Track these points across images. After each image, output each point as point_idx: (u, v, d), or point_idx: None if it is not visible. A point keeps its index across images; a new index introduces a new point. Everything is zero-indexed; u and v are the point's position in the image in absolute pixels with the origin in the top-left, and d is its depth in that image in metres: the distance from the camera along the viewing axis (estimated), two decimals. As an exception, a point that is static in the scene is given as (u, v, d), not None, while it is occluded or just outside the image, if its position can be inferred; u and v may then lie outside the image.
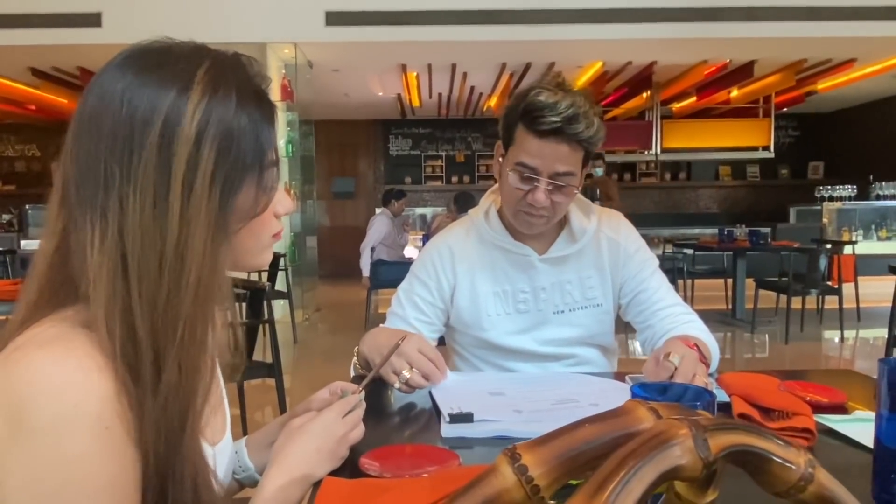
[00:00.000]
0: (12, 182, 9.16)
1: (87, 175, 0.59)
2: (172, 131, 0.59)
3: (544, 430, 0.88)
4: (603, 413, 0.38)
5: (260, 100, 0.64)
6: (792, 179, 9.62)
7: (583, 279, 1.37)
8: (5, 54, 5.55)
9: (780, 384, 1.11)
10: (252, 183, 0.64)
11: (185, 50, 0.63)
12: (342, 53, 5.92)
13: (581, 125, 1.19)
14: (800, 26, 5.33)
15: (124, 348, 0.56)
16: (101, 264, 0.57)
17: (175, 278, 0.58)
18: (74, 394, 0.52)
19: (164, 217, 0.58)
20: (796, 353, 4.91)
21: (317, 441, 0.75)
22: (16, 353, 0.54)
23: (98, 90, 0.61)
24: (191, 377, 0.60)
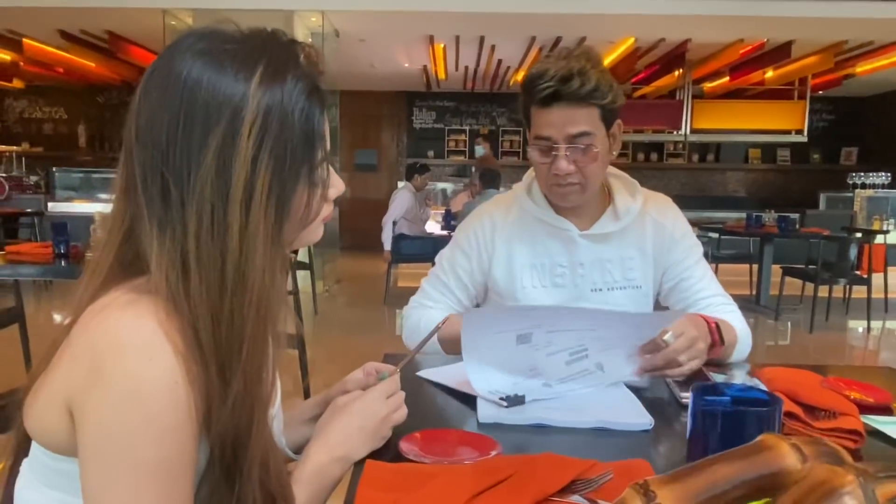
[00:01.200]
0: (40, 144, 9.25)
1: (145, 183, 0.60)
2: (229, 146, 0.58)
3: (580, 417, 0.88)
4: (741, 449, 0.35)
5: (313, 94, 0.63)
6: (824, 165, 9.38)
7: (624, 259, 1.35)
8: (35, 16, 5.56)
9: (822, 381, 1.08)
10: (305, 184, 0.63)
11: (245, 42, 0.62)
12: (370, 23, 5.84)
13: (576, 82, 1.17)
14: (843, 6, 5.14)
15: (194, 348, 0.58)
16: (161, 273, 0.59)
17: (238, 299, 0.59)
18: (151, 348, 0.56)
19: (224, 236, 0.59)
20: (820, 342, 4.83)
21: (359, 420, 0.75)
22: (104, 311, 0.58)
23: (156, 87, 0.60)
24: (257, 385, 0.61)
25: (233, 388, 0.59)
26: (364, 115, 9.77)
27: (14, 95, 9.28)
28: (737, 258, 6.29)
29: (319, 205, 0.67)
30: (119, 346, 0.56)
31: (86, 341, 0.57)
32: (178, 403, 0.56)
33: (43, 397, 0.59)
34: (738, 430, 0.52)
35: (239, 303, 0.59)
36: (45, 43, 6.48)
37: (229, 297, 0.59)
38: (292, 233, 0.65)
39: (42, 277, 5.39)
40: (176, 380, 0.56)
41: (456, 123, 9.90)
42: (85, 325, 0.59)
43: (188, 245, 0.58)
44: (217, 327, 0.59)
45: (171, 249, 0.59)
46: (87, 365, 0.56)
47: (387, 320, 5.38)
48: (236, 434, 0.60)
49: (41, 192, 6.95)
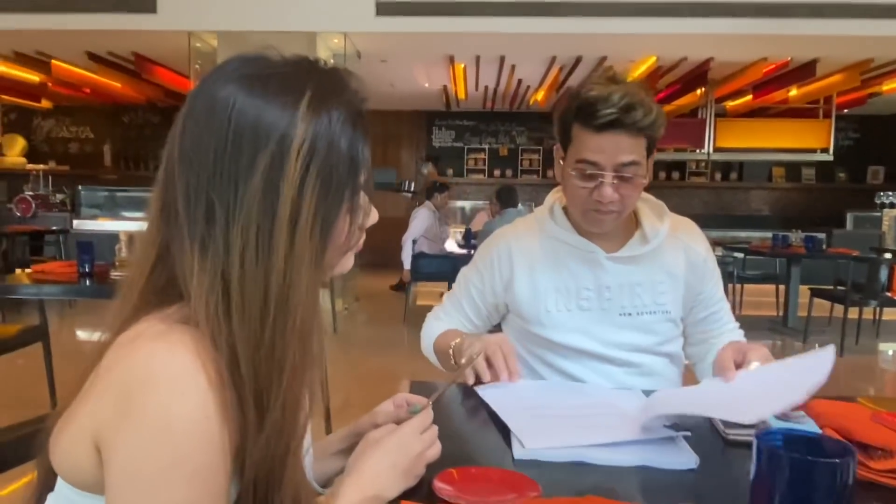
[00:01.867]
0: (66, 163, 9.43)
1: (188, 203, 0.59)
2: (277, 168, 0.58)
3: (621, 455, 0.84)
4: None
5: (357, 121, 0.63)
6: (850, 184, 9.24)
7: (655, 283, 1.31)
8: (64, 38, 5.68)
9: (873, 415, 1.03)
10: (347, 210, 0.63)
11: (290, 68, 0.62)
12: (391, 44, 5.89)
13: (639, 113, 1.16)
14: (869, 24, 5.07)
15: (231, 376, 0.56)
16: (201, 296, 0.57)
17: (280, 323, 0.58)
18: (183, 382, 0.54)
19: (268, 259, 0.58)
20: (851, 365, 4.70)
21: (392, 457, 0.72)
22: (135, 342, 0.57)
23: (202, 110, 0.60)
24: (293, 415, 0.59)
25: (269, 419, 0.57)
26: (384, 135, 9.83)
27: (42, 115, 9.49)
28: (763, 279, 6.17)
29: (358, 234, 0.66)
30: (150, 380, 0.54)
31: (116, 374, 0.56)
32: (210, 440, 0.54)
33: (70, 431, 0.58)
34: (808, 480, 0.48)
35: (281, 327, 0.58)
36: (72, 64, 6.62)
37: (271, 322, 0.58)
38: (333, 259, 0.64)
39: (67, 297, 5.45)
40: (208, 415, 0.54)
41: (475, 142, 9.93)
42: (115, 356, 0.57)
43: (231, 266, 0.57)
44: (257, 353, 0.57)
45: (213, 270, 0.58)
46: (116, 399, 0.54)
47: (406, 339, 5.34)
48: (270, 467, 0.58)
49: (67, 210, 7.05)
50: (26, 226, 6.11)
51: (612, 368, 1.31)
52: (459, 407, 1.10)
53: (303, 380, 0.61)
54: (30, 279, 2.85)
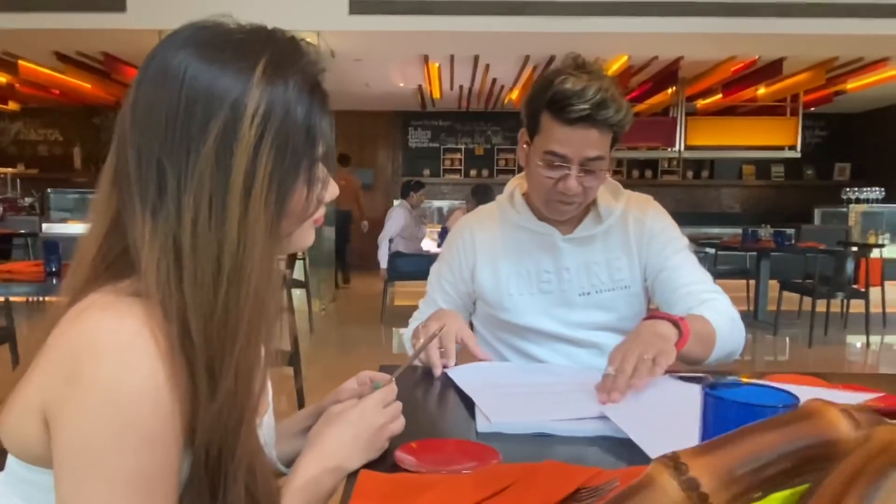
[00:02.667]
0: (35, 165, 9.24)
1: (139, 169, 0.58)
2: (231, 134, 0.57)
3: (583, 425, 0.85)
4: (784, 416, 0.32)
5: (315, 91, 0.62)
6: (817, 180, 9.43)
7: (610, 261, 1.33)
8: (31, 38, 5.58)
9: (830, 387, 1.06)
10: (304, 179, 0.62)
11: (247, 36, 0.61)
12: (365, 43, 5.88)
13: (611, 110, 1.17)
14: (834, 23, 5.19)
15: (182, 345, 0.56)
16: (152, 263, 0.56)
17: (233, 291, 0.57)
18: (131, 352, 0.53)
19: (222, 226, 0.57)
20: (820, 356, 4.81)
21: (354, 429, 0.72)
22: (83, 314, 0.56)
23: (155, 75, 0.59)
24: (247, 383, 0.59)
25: (222, 387, 0.57)
26: (360, 135, 9.80)
27: (9, 118, 9.28)
28: (734, 273, 6.29)
29: (316, 204, 0.65)
30: (97, 351, 0.53)
31: (63, 346, 0.55)
32: (158, 410, 0.54)
33: (18, 406, 0.57)
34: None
35: (234, 295, 0.57)
36: (40, 65, 6.49)
37: (224, 289, 0.57)
38: (290, 229, 0.64)
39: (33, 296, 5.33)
40: (157, 384, 0.54)
41: (451, 142, 9.94)
42: (63, 329, 0.56)
43: (183, 233, 0.56)
44: (209, 321, 0.57)
45: (165, 237, 0.57)
46: (63, 370, 0.54)
47: (384, 338, 5.34)
48: (223, 436, 0.57)
49: (36, 213, 6.91)
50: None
51: (576, 350, 1.33)
52: (425, 384, 1.10)
53: (257, 350, 0.60)
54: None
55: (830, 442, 0.29)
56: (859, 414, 0.31)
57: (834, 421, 0.31)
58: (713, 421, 0.51)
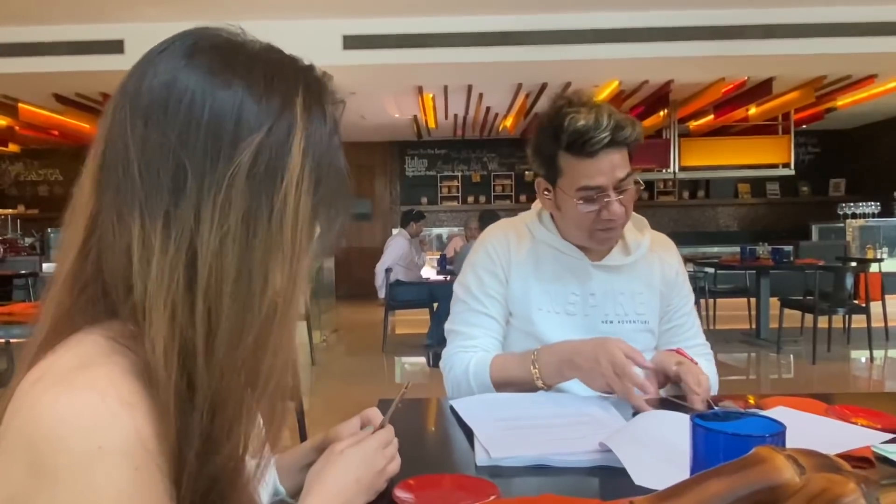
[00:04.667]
0: (35, 206, 9.30)
1: (149, 168, 0.50)
2: (279, 148, 0.52)
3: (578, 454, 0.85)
4: (733, 463, 0.34)
5: (335, 132, 0.59)
6: (813, 197, 9.48)
7: (634, 294, 1.36)
8: (30, 81, 5.66)
9: (828, 409, 1.06)
10: (339, 218, 0.59)
11: (273, 58, 0.56)
12: (359, 76, 5.96)
13: (627, 130, 1.22)
14: (819, 42, 5.28)
15: (178, 390, 0.49)
16: (160, 285, 0.49)
17: (270, 323, 0.52)
18: (99, 434, 0.45)
19: (254, 246, 0.51)
20: (824, 373, 4.78)
21: (357, 471, 0.72)
22: (35, 388, 0.47)
23: (165, 76, 0.52)
24: (248, 427, 0.53)
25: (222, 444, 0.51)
26: (357, 166, 9.87)
27: (10, 160, 9.38)
28: (734, 292, 6.29)
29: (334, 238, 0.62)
30: (59, 438, 0.45)
31: (18, 432, 0.46)
32: (142, 491, 0.46)
33: None
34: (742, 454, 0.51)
35: (269, 333, 0.52)
36: (40, 107, 6.58)
37: (258, 325, 0.51)
38: (315, 258, 0.60)
39: (35, 339, 5.32)
40: (136, 465, 0.46)
41: (448, 170, 10.02)
42: (17, 407, 0.47)
43: (201, 247, 0.49)
44: (225, 355, 0.50)
45: (176, 248, 0.49)
46: (25, 462, 0.45)
47: (385, 368, 5.32)
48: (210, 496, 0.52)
49: (36, 253, 6.93)
50: (-6, 270, 6.00)
51: None
52: (424, 417, 1.11)
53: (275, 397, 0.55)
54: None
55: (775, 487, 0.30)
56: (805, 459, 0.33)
57: (780, 467, 0.32)
58: (702, 451, 0.52)
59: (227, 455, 0.51)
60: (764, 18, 5.26)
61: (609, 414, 1.08)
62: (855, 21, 5.21)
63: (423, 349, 5.50)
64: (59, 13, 5.04)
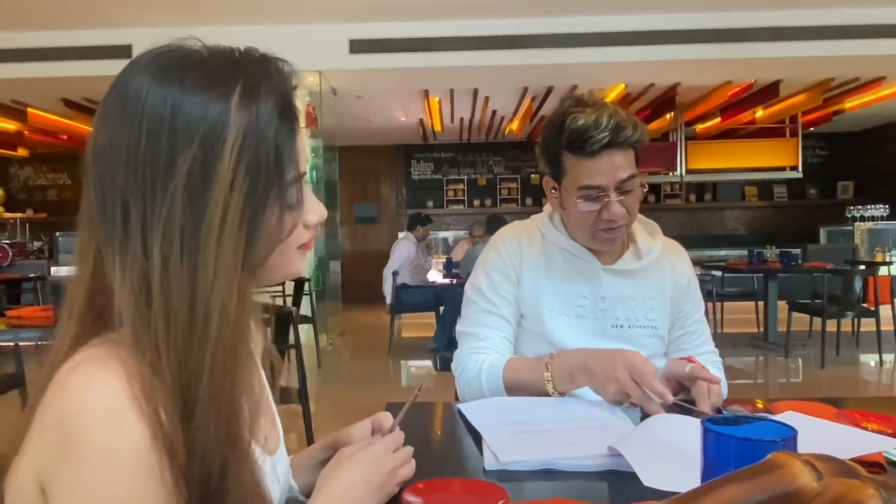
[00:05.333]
0: (44, 210, 9.36)
1: (104, 205, 0.56)
2: (206, 169, 0.54)
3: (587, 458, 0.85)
4: (749, 468, 0.33)
5: (285, 112, 0.59)
6: (821, 199, 9.44)
7: (645, 299, 1.35)
8: (38, 86, 5.71)
9: (838, 413, 1.06)
10: (275, 204, 0.59)
11: (214, 59, 0.58)
12: (365, 80, 5.99)
13: (628, 130, 1.21)
14: (827, 45, 5.26)
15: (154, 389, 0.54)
16: (124, 301, 0.55)
17: (205, 326, 0.55)
18: (117, 416, 0.52)
19: (194, 261, 0.55)
20: (833, 377, 4.75)
21: (364, 472, 0.72)
22: (68, 377, 0.54)
23: (112, 105, 0.56)
24: (228, 424, 0.57)
25: (202, 431, 0.55)
26: (363, 169, 9.90)
27: (19, 164, 9.45)
28: (741, 296, 6.26)
29: (296, 229, 0.63)
30: (83, 419, 0.52)
31: (52, 412, 0.53)
32: (154, 468, 0.53)
33: (18, 475, 0.56)
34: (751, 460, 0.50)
35: (205, 331, 0.55)
36: (48, 111, 6.63)
37: (201, 325, 0.55)
38: (264, 253, 0.61)
39: (44, 341, 5.35)
40: (148, 444, 0.53)
41: (454, 173, 10.03)
42: (52, 393, 0.54)
43: (153, 269, 0.54)
44: (184, 359, 0.55)
45: (133, 274, 0.55)
46: (54, 438, 0.53)
47: (392, 372, 5.31)
48: (207, 481, 0.56)
49: (44, 257, 6.97)
50: (3, 274, 6.03)
51: None
52: (432, 421, 1.11)
53: (237, 388, 0.58)
54: (6, 325, 2.81)
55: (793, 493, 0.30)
56: (822, 464, 0.32)
57: (797, 472, 0.32)
58: (713, 456, 0.52)
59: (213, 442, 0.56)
60: (771, 21, 5.25)
61: (618, 418, 1.07)
62: (863, 23, 5.19)
63: (429, 353, 5.50)
64: (68, 19, 5.08)
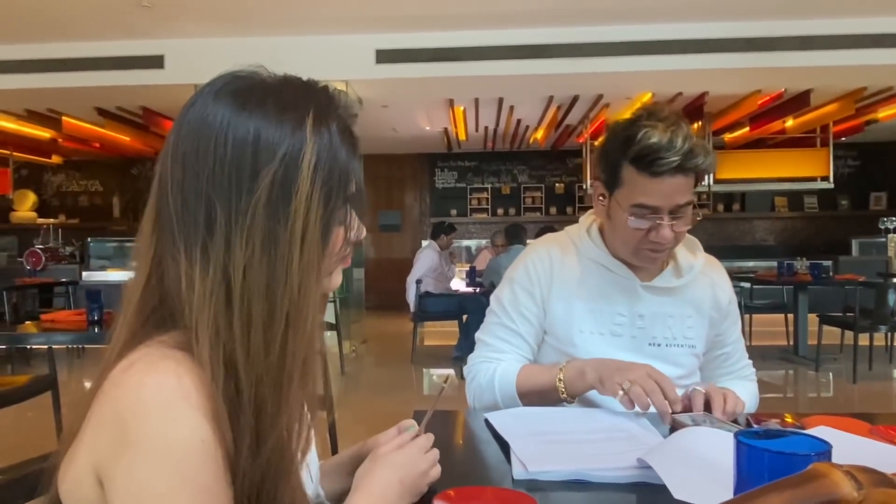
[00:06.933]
0: (76, 216, 9.58)
1: (186, 206, 0.59)
2: (288, 184, 0.59)
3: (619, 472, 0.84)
4: (789, 479, 0.33)
5: (350, 135, 0.65)
6: (853, 210, 9.24)
7: (683, 317, 1.33)
8: (74, 95, 5.86)
9: (871, 429, 1.03)
10: (341, 221, 0.64)
11: (287, 87, 0.64)
12: (391, 90, 6.03)
13: (700, 158, 1.16)
14: (859, 54, 5.17)
15: (227, 394, 0.57)
16: (203, 300, 0.57)
17: (291, 333, 0.58)
18: (175, 408, 0.54)
19: (275, 268, 0.58)
20: (866, 392, 4.64)
21: (400, 473, 0.74)
22: (125, 374, 0.57)
23: (196, 121, 0.61)
24: (293, 429, 0.60)
25: (271, 435, 0.58)
26: (387, 178, 9.97)
27: (52, 171, 9.68)
28: (771, 308, 6.14)
29: (349, 247, 0.67)
30: (141, 411, 0.54)
31: (109, 407, 0.56)
32: (207, 463, 0.55)
33: (74, 467, 0.58)
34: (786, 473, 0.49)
35: (291, 337, 0.58)
36: (82, 120, 6.79)
37: (281, 331, 0.58)
38: (330, 268, 0.65)
39: (76, 344, 5.47)
40: (203, 437, 0.55)
41: (478, 182, 10.04)
42: (108, 389, 0.57)
43: (235, 270, 0.58)
44: (260, 364, 0.57)
45: (215, 272, 0.58)
46: (111, 431, 0.55)
47: (414, 379, 5.32)
48: (267, 485, 0.58)
49: (76, 262, 7.13)
50: (36, 278, 6.18)
51: None
52: (460, 429, 1.11)
53: (306, 394, 0.61)
54: (39, 329, 2.88)
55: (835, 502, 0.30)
56: (862, 475, 0.32)
57: (838, 482, 0.32)
58: (746, 469, 0.51)
59: (272, 447, 0.58)
60: (801, 30, 5.18)
61: (646, 430, 1.06)
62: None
63: (451, 361, 5.49)
64: (102, 29, 5.21)
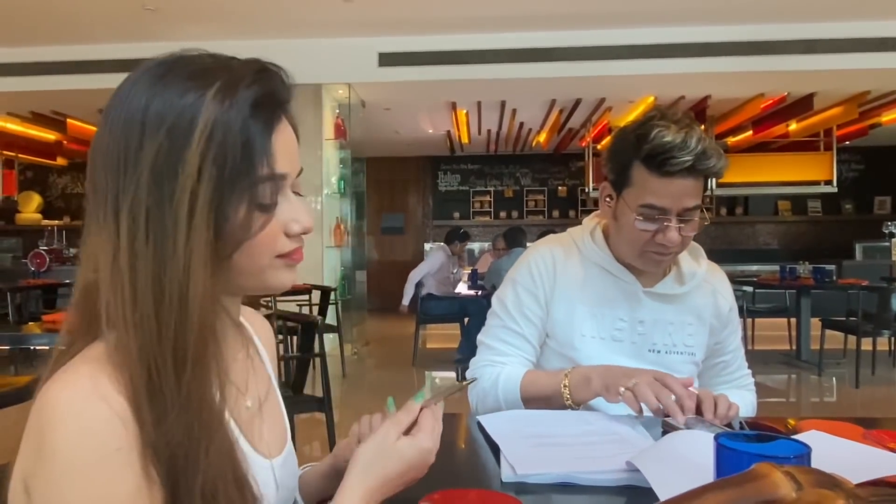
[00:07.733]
0: (80, 218, 9.47)
1: (95, 193, 0.59)
2: (175, 148, 0.56)
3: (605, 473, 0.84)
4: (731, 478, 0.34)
5: (260, 108, 0.59)
6: (857, 215, 9.22)
7: (684, 325, 1.32)
8: (78, 97, 5.89)
9: (865, 433, 1.03)
10: (243, 199, 0.59)
11: (209, 60, 0.61)
12: (394, 92, 6.05)
13: (712, 160, 1.15)
14: (862, 57, 5.17)
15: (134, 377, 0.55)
16: (108, 293, 0.57)
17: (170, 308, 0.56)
18: (83, 420, 0.53)
19: (161, 243, 0.56)
20: (869, 397, 4.62)
21: (406, 470, 0.70)
22: (48, 385, 0.56)
23: (107, 108, 0.60)
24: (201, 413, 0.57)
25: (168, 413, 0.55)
26: (390, 180, 9.99)
27: (57, 172, 9.74)
28: (773, 312, 6.12)
29: (269, 232, 0.61)
30: (54, 423, 0.53)
31: (34, 417, 0.56)
32: (123, 472, 0.54)
33: (13, 479, 0.57)
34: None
35: (178, 320, 0.56)
36: (87, 122, 6.83)
37: (166, 308, 0.56)
38: (229, 247, 0.59)
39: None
40: (118, 446, 0.54)
41: (481, 185, 10.05)
42: (37, 398, 0.56)
43: (120, 250, 0.56)
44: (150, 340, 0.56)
45: (105, 256, 0.57)
46: (33, 443, 0.55)
47: (416, 382, 5.32)
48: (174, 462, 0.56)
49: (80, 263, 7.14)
50: (40, 280, 6.21)
51: None
52: (449, 431, 1.10)
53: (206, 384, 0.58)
54: (42, 329, 2.89)
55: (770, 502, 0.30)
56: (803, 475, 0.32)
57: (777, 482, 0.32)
58: (726, 471, 0.51)
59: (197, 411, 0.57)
60: (804, 33, 5.17)
61: (637, 433, 1.06)
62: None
63: (453, 364, 5.49)
64: (106, 32, 5.24)
